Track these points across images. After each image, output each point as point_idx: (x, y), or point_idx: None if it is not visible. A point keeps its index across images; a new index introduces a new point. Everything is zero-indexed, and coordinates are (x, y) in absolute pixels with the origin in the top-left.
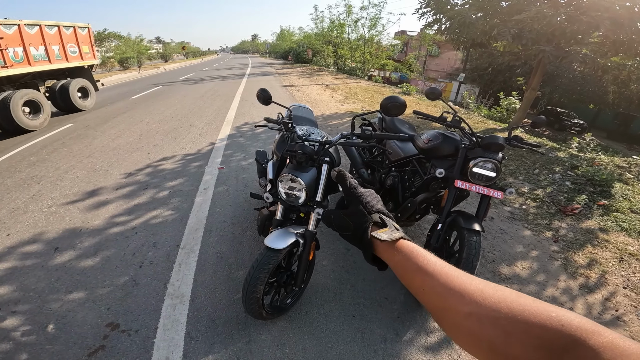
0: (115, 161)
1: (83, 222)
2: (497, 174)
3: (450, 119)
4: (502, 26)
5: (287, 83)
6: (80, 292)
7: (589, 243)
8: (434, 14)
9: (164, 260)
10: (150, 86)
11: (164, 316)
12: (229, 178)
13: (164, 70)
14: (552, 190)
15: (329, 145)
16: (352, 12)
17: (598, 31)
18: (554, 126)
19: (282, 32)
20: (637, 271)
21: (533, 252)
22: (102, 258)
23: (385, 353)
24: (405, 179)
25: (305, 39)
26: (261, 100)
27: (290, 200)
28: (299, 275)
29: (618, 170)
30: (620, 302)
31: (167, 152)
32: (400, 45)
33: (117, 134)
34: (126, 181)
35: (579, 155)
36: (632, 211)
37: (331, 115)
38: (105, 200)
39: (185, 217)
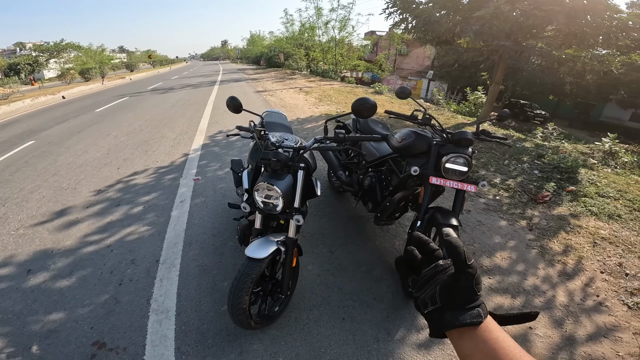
0: (83, 178)
1: (54, 242)
2: (469, 168)
3: (420, 116)
4: (464, 23)
5: (261, 88)
6: (60, 312)
7: (562, 229)
8: (400, 14)
9: (145, 276)
10: (116, 97)
11: (150, 332)
12: (206, 189)
13: (129, 80)
14: (523, 179)
15: (303, 150)
16: (322, 15)
17: (552, 25)
18: (519, 118)
19: (252, 37)
20: (612, 255)
21: (510, 242)
22: (79, 278)
23: (378, 353)
24: (382, 179)
25: (276, 43)
26: (231, 108)
27: (268, 208)
28: (284, 282)
29: (582, 156)
30: (600, 287)
31: (139, 166)
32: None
33: (83, 149)
34: (96, 199)
35: (544, 145)
36: (599, 195)
37: (306, 118)
38: (75, 219)
39: (163, 232)
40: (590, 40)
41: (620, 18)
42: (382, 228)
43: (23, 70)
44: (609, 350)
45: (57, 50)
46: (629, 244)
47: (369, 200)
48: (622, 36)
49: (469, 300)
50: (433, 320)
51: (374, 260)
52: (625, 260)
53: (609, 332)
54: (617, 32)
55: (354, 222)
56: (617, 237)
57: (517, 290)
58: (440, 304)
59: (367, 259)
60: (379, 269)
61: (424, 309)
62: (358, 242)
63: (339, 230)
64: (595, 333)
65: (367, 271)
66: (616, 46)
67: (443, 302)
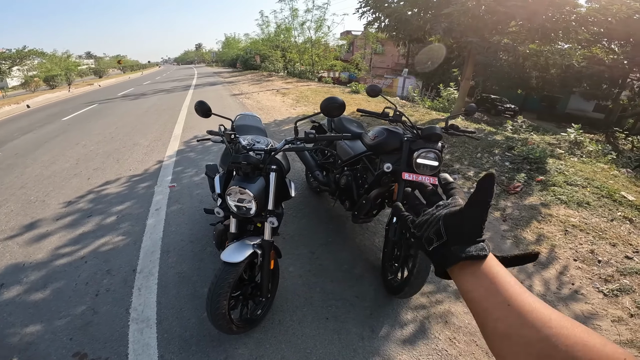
0: (52, 190)
1: (25, 256)
2: (440, 162)
3: (392, 114)
4: (434, 21)
5: (237, 91)
6: (37, 324)
7: (534, 219)
8: (373, 13)
9: (122, 286)
10: (84, 105)
11: (132, 341)
12: (182, 196)
13: (98, 86)
14: (495, 171)
15: (274, 152)
16: (298, 16)
17: (515, 20)
18: (490, 112)
19: (227, 39)
20: (583, 242)
21: (485, 233)
22: (53, 290)
23: (364, 351)
24: (358, 177)
25: (252, 45)
26: (200, 113)
27: (241, 212)
28: (264, 285)
29: (549, 147)
30: (575, 275)
31: (110, 175)
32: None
33: (51, 160)
34: (67, 210)
35: (514, 137)
36: (567, 184)
37: (284, 120)
38: (46, 232)
39: (139, 241)
40: (552, 35)
41: (579, 12)
42: (361, 226)
43: None
44: None
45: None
46: (599, 230)
47: (346, 199)
48: (582, 30)
49: (476, 233)
50: (438, 255)
51: (354, 259)
52: (596, 247)
53: (588, 321)
54: (576, 26)
55: (333, 221)
56: (587, 224)
57: None
58: (447, 238)
59: (347, 258)
60: (360, 267)
61: (429, 245)
62: (338, 241)
63: (318, 231)
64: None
65: (348, 270)
66: (576, 40)
67: (449, 236)
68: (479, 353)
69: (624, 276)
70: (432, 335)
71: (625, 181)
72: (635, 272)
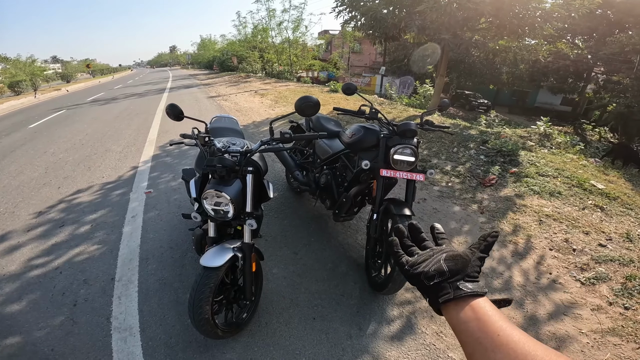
0: (20, 201)
1: None
2: (416, 158)
3: (367, 111)
4: (408, 18)
5: (214, 93)
6: (15, 337)
7: (509, 210)
8: (349, 12)
9: (100, 295)
10: (51, 111)
11: (116, 350)
12: (159, 202)
13: (66, 91)
14: (471, 165)
15: (250, 154)
16: (275, 16)
17: (483, 17)
18: (465, 107)
19: (203, 41)
20: (557, 231)
21: (465, 226)
22: (29, 301)
23: (353, 349)
24: (337, 175)
25: (229, 47)
26: (172, 116)
27: (219, 216)
28: (247, 288)
29: (521, 140)
30: (552, 265)
31: (82, 183)
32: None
33: (18, 170)
34: (37, 221)
35: (487, 131)
36: (539, 175)
37: (262, 121)
38: (17, 244)
39: (115, 249)
40: (519, 31)
41: (543, 8)
42: (343, 224)
43: None
44: (572, 328)
45: None
46: (572, 219)
47: (327, 198)
48: (547, 26)
49: (477, 272)
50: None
51: (338, 257)
52: (570, 235)
53: (568, 310)
54: (542, 22)
55: (315, 221)
56: (560, 213)
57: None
58: (450, 275)
59: (331, 257)
60: (344, 265)
61: (429, 281)
62: (321, 240)
63: (301, 231)
64: (555, 311)
65: (332, 269)
66: (542, 36)
67: (452, 273)
68: None
69: (599, 264)
70: (419, 330)
71: (594, 170)
72: (609, 260)
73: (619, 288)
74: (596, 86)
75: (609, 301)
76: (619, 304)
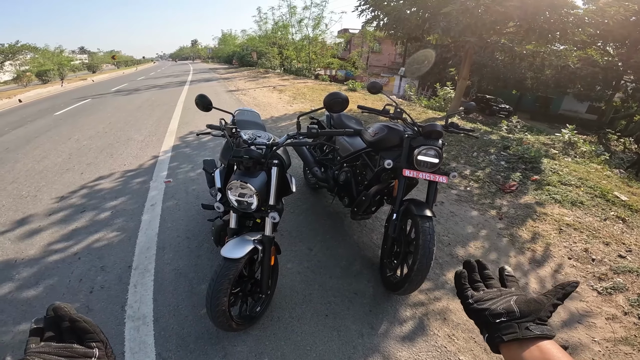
0: (43, 185)
1: (16, 252)
2: (440, 159)
3: (392, 111)
4: (432, 20)
5: (233, 87)
6: (29, 322)
7: (529, 217)
8: (372, 11)
9: (117, 282)
10: (77, 100)
11: (128, 339)
12: (178, 191)
13: (92, 81)
14: (490, 170)
15: (276, 147)
16: (295, 13)
17: (512, 21)
18: (485, 112)
19: (224, 36)
20: (577, 241)
21: (482, 231)
22: (46, 287)
23: (364, 347)
24: (357, 173)
25: (249, 42)
26: (200, 107)
27: (242, 207)
28: (263, 282)
29: (544, 147)
30: (569, 273)
31: (104, 170)
32: (343, 43)
33: (43, 155)
34: (59, 206)
35: (509, 137)
36: (562, 183)
37: (280, 117)
38: (38, 227)
39: (134, 237)
40: (549, 36)
41: (576, 14)
42: (360, 222)
43: None
44: (585, 336)
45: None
46: (593, 229)
47: (345, 196)
48: (579, 32)
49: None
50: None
51: (353, 255)
52: (590, 245)
53: (582, 318)
54: (573, 27)
55: (331, 218)
56: (581, 223)
57: None
58: (520, 316)
59: (346, 254)
60: (359, 263)
61: (494, 318)
62: (336, 237)
63: (316, 227)
64: (569, 319)
65: (347, 266)
66: (572, 41)
67: (522, 315)
68: (477, 350)
69: (617, 274)
70: (431, 332)
71: (618, 181)
72: (628, 271)
73: (635, 298)
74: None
75: (624, 311)
76: (634, 314)
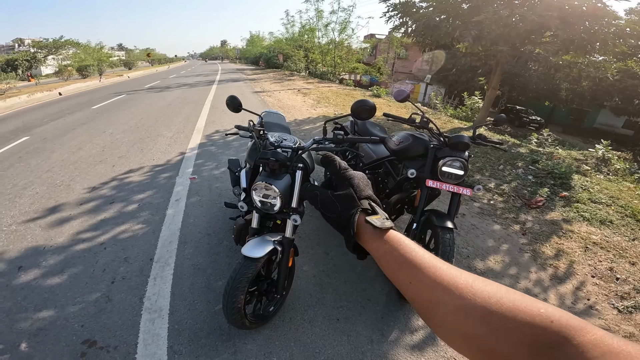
0: (77, 175)
1: (46, 239)
2: (465, 171)
3: (418, 120)
4: (463, 28)
5: (259, 89)
6: (50, 310)
7: (554, 234)
8: (400, 17)
9: (138, 274)
10: (113, 95)
11: (143, 331)
12: (202, 188)
13: (127, 78)
14: (517, 184)
15: (302, 151)
16: (322, 17)
17: (550, 30)
18: (514, 123)
19: (252, 37)
20: (603, 259)
21: (504, 245)
22: (70, 275)
23: (373, 354)
24: (378, 181)
25: (276, 44)
26: (231, 108)
27: (265, 208)
28: (280, 282)
29: (576, 162)
30: (591, 291)
31: (134, 163)
32: (369, 49)
33: (78, 146)
34: (90, 196)
35: (539, 150)
36: (592, 201)
37: (304, 120)
38: (68, 216)
39: (157, 230)
40: (588, 47)
41: (618, 24)
42: None
43: (20, 66)
44: None
45: (56, 47)
46: (620, 249)
47: None
48: (619, 43)
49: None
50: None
51: (368, 262)
52: (616, 265)
53: None
54: (614, 38)
55: None
56: (608, 242)
57: None
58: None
59: (362, 261)
60: (374, 270)
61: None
62: None
63: (333, 232)
64: None
65: (361, 272)
66: (612, 53)
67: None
68: None
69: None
70: (441, 343)
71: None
72: None
73: None
74: None
75: None
76: None
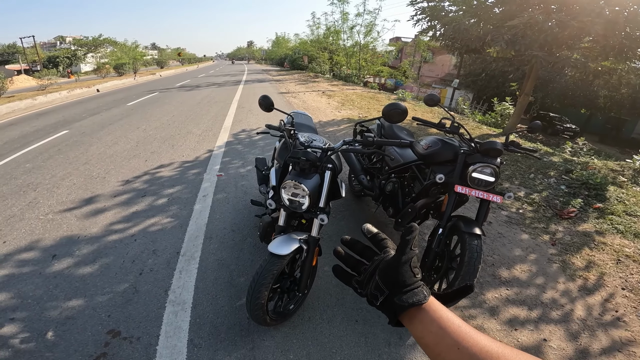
0: (112, 168)
1: (80, 229)
2: (496, 178)
3: (448, 125)
4: (495, 32)
5: (284, 90)
6: (79, 299)
7: (586, 246)
8: (428, 21)
9: (165, 267)
10: (146, 92)
11: (165, 323)
12: (228, 185)
13: (159, 76)
14: (548, 194)
15: (331, 152)
16: (348, 19)
17: (589, 36)
18: (547, 131)
19: (277, 38)
20: (634, 272)
21: (531, 255)
22: (101, 265)
23: (389, 357)
24: (404, 185)
25: (301, 46)
26: (263, 107)
27: (293, 206)
28: (302, 281)
29: (612, 173)
30: (620, 303)
31: (165, 159)
32: (395, 52)
33: (114, 140)
34: (123, 188)
35: (573, 160)
36: (627, 214)
37: (328, 122)
38: (102, 207)
39: (185, 225)
40: (629, 53)
41: None
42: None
43: (62, 63)
44: None
45: (95, 45)
46: None
47: (390, 206)
48: None
49: (408, 281)
50: (386, 309)
51: None
52: None
53: (624, 347)
54: None
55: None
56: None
57: (534, 303)
58: (388, 291)
59: None
60: None
61: (376, 301)
62: None
63: (357, 234)
64: (610, 347)
65: None
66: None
67: (389, 287)
68: None
69: None
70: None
71: None
72: None
73: None
74: None
75: None
76: None
